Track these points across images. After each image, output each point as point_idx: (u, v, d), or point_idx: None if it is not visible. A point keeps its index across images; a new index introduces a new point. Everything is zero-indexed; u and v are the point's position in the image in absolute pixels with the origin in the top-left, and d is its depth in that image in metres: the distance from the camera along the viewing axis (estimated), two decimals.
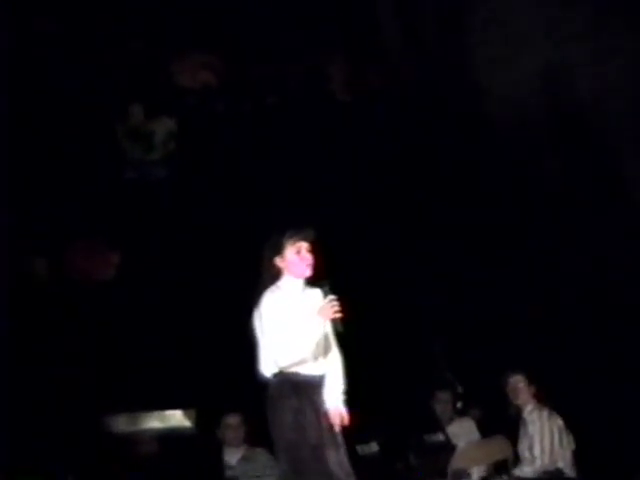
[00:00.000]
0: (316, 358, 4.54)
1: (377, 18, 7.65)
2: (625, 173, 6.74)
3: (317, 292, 4.63)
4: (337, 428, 4.61)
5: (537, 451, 6.32)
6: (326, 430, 4.54)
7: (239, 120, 7.80)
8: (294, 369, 4.50)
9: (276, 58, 7.90)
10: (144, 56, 7.82)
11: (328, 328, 4.64)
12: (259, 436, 6.64)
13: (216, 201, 7.71)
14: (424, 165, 7.59)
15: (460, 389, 7.24)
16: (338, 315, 4.51)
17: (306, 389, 4.52)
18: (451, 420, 7.04)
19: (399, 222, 7.69)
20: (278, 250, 4.61)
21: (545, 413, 6.42)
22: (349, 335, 4.68)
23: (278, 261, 4.62)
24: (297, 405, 4.48)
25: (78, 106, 7.56)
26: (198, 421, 6.80)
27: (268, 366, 4.57)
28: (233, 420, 6.72)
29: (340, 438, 4.61)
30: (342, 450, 4.59)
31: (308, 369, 4.53)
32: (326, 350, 4.64)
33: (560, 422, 6.41)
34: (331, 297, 4.52)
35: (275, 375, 4.54)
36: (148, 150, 8.08)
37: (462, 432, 6.94)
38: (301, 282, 4.67)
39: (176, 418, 6.84)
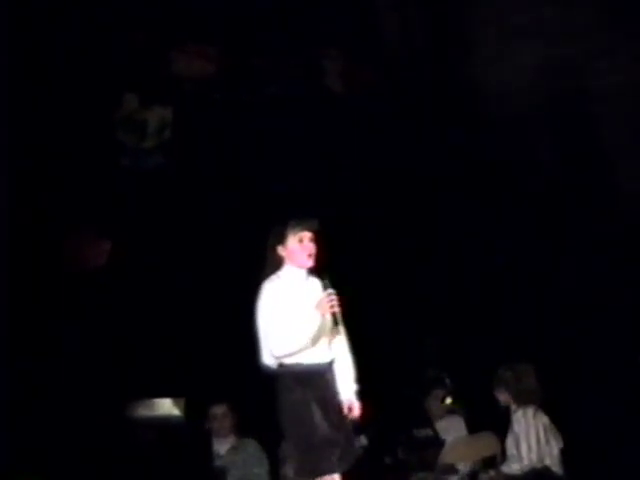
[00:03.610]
0: (309, 347, 4.47)
1: (374, 12, 7.65)
2: (622, 168, 6.79)
3: (319, 283, 4.58)
4: (348, 419, 4.59)
5: (524, 449, 6.31)
6: (333, 421, 4.49)
7: (235, 110, 7.79)
8: (295, 359, 4.46)
9: (273, 50, 7.89)
10: (142, 45, 7.80)
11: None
12: (248, 426, 6.69)
13: (211, 190, 7.70)
14: (421, 159, 7.61)
15: (450, 385, 7.26)
16: (336, 310, 4.47)
17: (311, 379, 4.49)
18: (442, 417, 7.07)
19: (393, 217, 7.72)
20: (281, 238, 4.56)
21: (530, 411, 6.40)
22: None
23: (280, 250, 4.57)
24: (301, 398, 4.44)
25: (73, 93, 7.54)
26: (187, 410, 6.81)
27: (268, 357, 4.53)
28: (219, 410, 6.72)
29: (349, 429, 4.59)
30: (348, 441, 4.57)
31: (312, 358, 4.50)
32: (332, 337, 4.60)
33: (546, 420, 6.40)
34: (329, 291, 4.48)
35: (279, 366, 4.50)
36: (141, 138, 8.07)
37: (450, 428, 6.97)
38: (303, 272, 4.62)
39: (165, 407, 6.84)
